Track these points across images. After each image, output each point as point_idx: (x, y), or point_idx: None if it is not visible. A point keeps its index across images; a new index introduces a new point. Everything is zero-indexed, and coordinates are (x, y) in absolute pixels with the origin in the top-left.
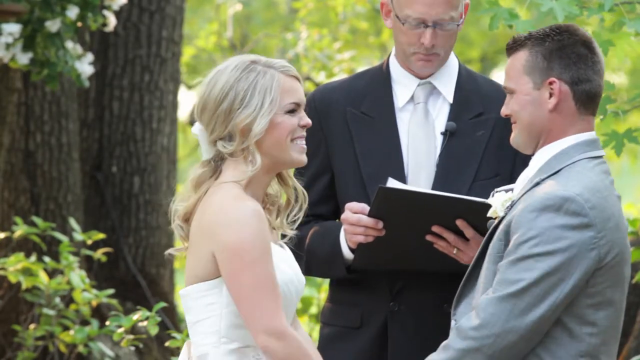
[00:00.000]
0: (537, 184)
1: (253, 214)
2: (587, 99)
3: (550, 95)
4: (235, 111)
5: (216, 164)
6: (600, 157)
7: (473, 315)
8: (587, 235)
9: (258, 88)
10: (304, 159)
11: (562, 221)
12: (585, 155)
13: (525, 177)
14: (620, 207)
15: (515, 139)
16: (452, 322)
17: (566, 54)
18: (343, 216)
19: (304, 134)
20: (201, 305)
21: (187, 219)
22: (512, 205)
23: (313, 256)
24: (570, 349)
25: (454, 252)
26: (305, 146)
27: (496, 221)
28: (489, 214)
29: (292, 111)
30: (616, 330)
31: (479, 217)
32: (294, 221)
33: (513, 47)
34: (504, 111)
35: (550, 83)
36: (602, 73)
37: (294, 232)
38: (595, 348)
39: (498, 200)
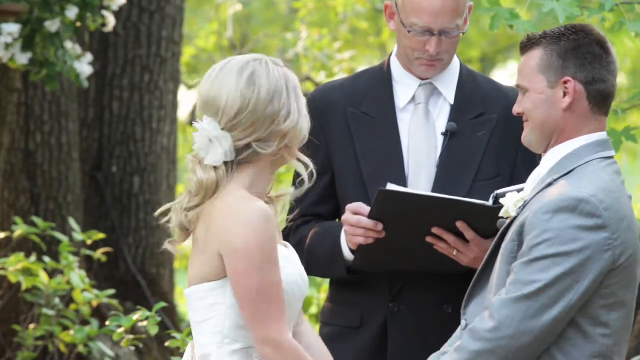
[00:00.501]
0: (550, 184)
1: (261, 216)
2: (601, 99)
3: (565, 94)
4: (279, 113)
5: (226, 167)
6: (612, 157)
7: (486, 316)
8: (602, 236)
9: (291, 89)
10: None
11: (577, 222)
12: (597, 155)
13: (537, 176)
14: (632, 208)
15: (527, 137)
16: (463, 322)
17: (582, 53)
18: (343, 217)
19: None
20: (205, 305)
21: (192, 221)
22: (524, 206)
23: (313, 256)
24: (584, 350)
25: (454, 253)
26: None
27: (508, 221)
28: (501, 214)
29: None
30: (627, 331)
31: (479, 219)
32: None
33: (528, 45)
34: (516, 109)
35: (565, 82)
36: (616, 74)
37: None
38: (608, 349)
39: (510, 200)
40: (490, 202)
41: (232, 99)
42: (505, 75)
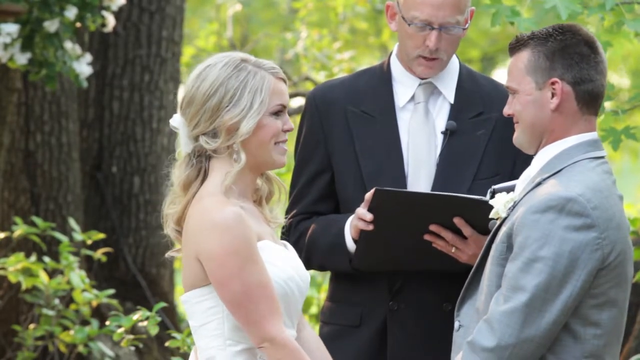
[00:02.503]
0: (539, 184)
1: (233, 219)
2: (590, 99)
3: (553, 95)
4: (224, 109)
5: (199, 163)
6: (602, 157)
7: (485, 328)
8: (591, 236)
9: (248, 88)
10: (284, 161)
11: (565, 222)
12: (587, 155)
13: (527, 176)
14: (622, 207)
15: (518, 138)
16: (456, 324)
17: (569, 54)
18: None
19: (287, 138)
20: (202, 309)
21: (179, 222)
22: (514, 206)
23: (315, 246)
24: (574, 351)
25: (453, 250)
26: (286, 148)
27: (498, 222)
28: (491, 215)
29: (277, 113)
30: (619, 331)
31: (476, 214)
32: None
33: (515, 46)
34: (506, 111)
35: (553, 83)
36: (605, 73)
37: (285, 221)
38: (599, 349)
39: (500, 201)
40: (487, 197)
41: (183, 91)
42: (506, 74)
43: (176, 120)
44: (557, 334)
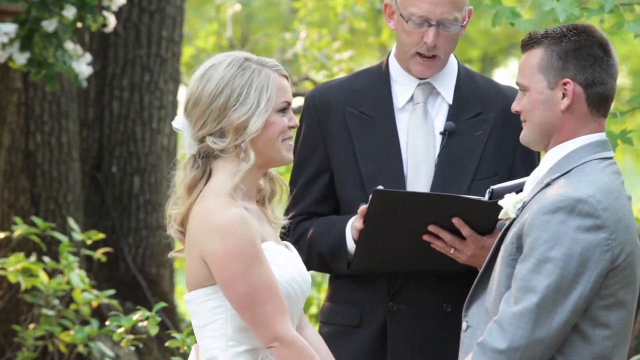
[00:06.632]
0: (548, 184)
1: (237, 221)
2: (600, 101)
3: (564, 95)
4: (231, 108)
5: (204, 164)
6: (611, 157)
7: (496, 329)
8: (601, 237)
9: (254, 86)
10: (291, 157)
11: (575, 223)
12: (595, 156)
13: (536, 176)
14: (630, 208)
15: (526, 136)
16: (464, 324)
17: (582, 55)
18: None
19: (292, 134)
20: (206, 309)
21: (183, 223)
22: (523, 207)
23: (315, 247)
24: (584, 351)
25: (451, 251)
26: (292, 144)
27: (507, 223)
28: (500, 216)
29: (283, 110)
30: (627, 331)
31: (474, 214)
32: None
33: (529, 43)
34: (515, 107)
35: (565, 84)
36: (616, 76)
37: (288, 221)
38: (608, 350)
39: (509, 202)
40: (486, 197)
41: (186, 92)
42: (506, 74)
43: (179, 122)
44: (567, 334)
